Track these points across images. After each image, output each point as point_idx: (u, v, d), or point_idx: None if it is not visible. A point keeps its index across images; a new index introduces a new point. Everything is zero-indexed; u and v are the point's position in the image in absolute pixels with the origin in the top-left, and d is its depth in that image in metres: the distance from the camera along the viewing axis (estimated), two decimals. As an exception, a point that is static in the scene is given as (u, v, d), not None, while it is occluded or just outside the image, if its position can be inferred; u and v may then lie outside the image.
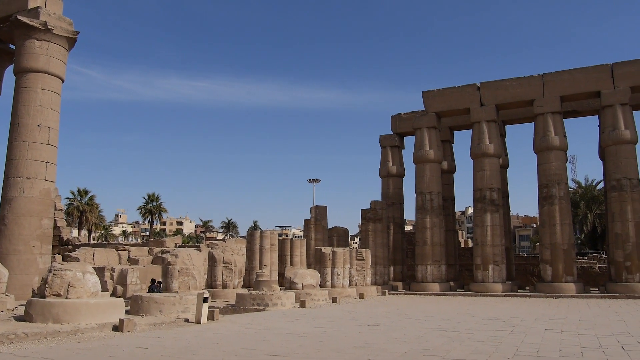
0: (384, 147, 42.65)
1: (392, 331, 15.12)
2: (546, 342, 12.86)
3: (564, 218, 33.99)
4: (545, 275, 33.86)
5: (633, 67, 33.19)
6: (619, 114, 32.89)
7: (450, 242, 41.84)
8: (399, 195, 42.29)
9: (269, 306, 22.51)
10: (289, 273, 27.83)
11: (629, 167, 32.68)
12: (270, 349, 11.76)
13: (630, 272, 31.63)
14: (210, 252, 30.10)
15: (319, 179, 76.82)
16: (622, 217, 32.40)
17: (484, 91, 36.81)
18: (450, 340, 13.11)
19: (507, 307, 24.77)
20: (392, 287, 37.52)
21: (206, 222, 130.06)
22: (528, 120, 39.12)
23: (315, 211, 39.57)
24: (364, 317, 19.53)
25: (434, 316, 19.80)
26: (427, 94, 38.56)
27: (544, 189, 34.62)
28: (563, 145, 34.68)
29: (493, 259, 35.01)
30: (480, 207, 36.15)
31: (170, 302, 17.96)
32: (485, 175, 36.07)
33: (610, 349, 11.73)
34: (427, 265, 36.82)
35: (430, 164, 38.03)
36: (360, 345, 12.35)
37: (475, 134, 36.77)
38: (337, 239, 40.34)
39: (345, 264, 31.32)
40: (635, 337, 13.54)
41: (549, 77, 35.19)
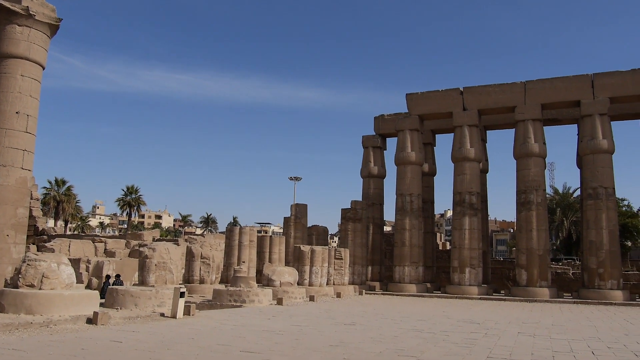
0: (366, 147, 42.79)
1: (368, 331, 15.20)
2: (519, 345, 13.04)
3: (541, 224, 34.46)
4: (521, 280, 34.30)
5: (613, 79, 33.76)
6: (598, 123, 33.43)
7: (429, 244, 42.16)
8: (379, 196, 42.48)
9: (245, 303, 22.45)
10: (267, 270, 27.80)
11: (605, 176, 33.25)
12: (245, 345, 11.75)
13: (602, 279, 32.19)
14: (188, 247, 29.91)
15: (300, 177, 76.94)
16: (597, 224, 32.95)
17: (467, 96, 37.13)
18: (425, 341, 13.22)
19: (482, 310, 25.04)
20: (369, 287, 37.69)
21: (185, 216, 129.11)
22: (509, 127, 39.55)
23: (296, 209, 39.56)
24: (340, 316, 19.59)
25: (410, 317, 19.94)
26: (411, 97, 38.78)
27: (522, 195, 35.05)
28: (542, 152, 35.15)
29: (470, 262, 35.36)
30: (459, 210, 36.47)
31: (146, 296, 17.82)
32: (465, 179, 36.41)
33: (581, 353, 11.94)
34: (405, 266, 37.05)
35: (411, 166, 38.26)
36: (336, 344, 12.39)
37: (456, 138, 37.08)
38: (317, 238, 40.39)
39: (324, 263, 31.38)
40: (605, 343, 13.79)
41: (531, 84, 35.63)
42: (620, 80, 33.57)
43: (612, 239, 32.81)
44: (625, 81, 33.47)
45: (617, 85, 33.67)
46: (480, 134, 38.01)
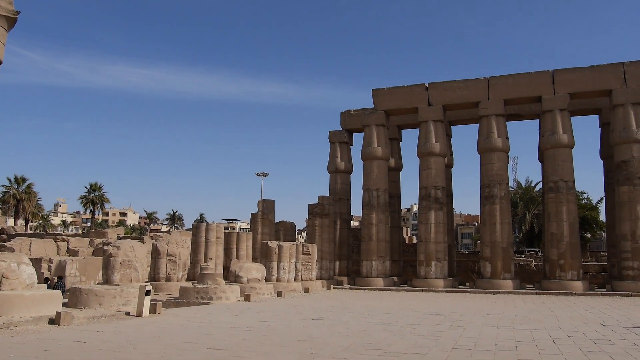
0: (332, 143, 42.91)
1: (335, 325, 15.29)
2: (483, 336, 13.31)
3: (504, 217, 35.18)
4: (485, 272, 34.98)
5: (572, 75, 34.64)
6: (558, 118, 34.26)
7: (395, 238, 42.60)
8: (346, 191, 42.68)
9: (213, 300, 22.31)
10: (235, 266, 27.66)
11: (566, 170, 34.13)
12: (213, 342, 11.68)
13: (563, 270, 33.09)
14: (154, 244, 29.51)
15: (267, 172, 76.51)
16: (558, 217, 33.82)
17: (432, 91, 37.58)
18: (392, 335, 13.37)
19: (447, 302, 25.45)
20: (337, 281, 37.88)
21: (150, 213, 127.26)
22: (473, 122, 40.21)
23: (263, 205, 39.42)
24: (308, 311, 19.64)
25: (377, 311, 20.13)
26: (377, 92, 39.03)
27: (486, 189, 35.71)
28: (505, 147, 35.85)
29: (436, 256, 35.87)
30: (425, 204, 36.94)
31: (110, 295, 17.53)
32: (431, 174, 36.87)
33: (542, 342, 12.26)
34: (372, 260, 37.36)
35: (377, 161, 38.55)
36: (303, 339, 12.43)
37: (422, 133, 37.50)
38: (284, 233, 40.35)
39: (292, 258, 31.39)
40: (565, 332, 14.19)
41: (494, 80, 36.27)
42: (580, 76, 34.47)
43: (572, 231, 33.73)
44: (584, 77, 34.38)
45: (576, 81, 34.56)
46: (445, 129, 38.53)
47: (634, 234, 32.06)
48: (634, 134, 32.47)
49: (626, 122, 32.76)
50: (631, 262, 31.87)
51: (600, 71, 34.05)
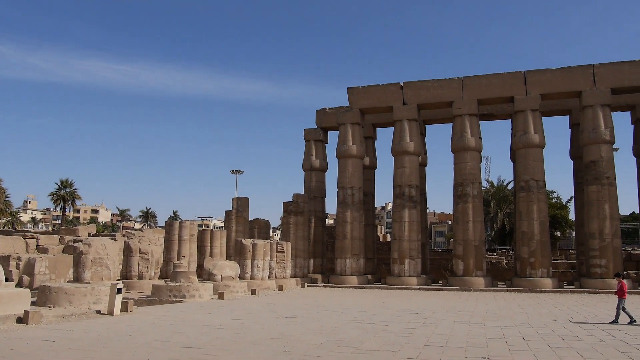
0: (308, 141, 42.89)
1: (309, 323, 15.30)
2: (455, 333, 13.48)
3: (477, 216, 35.64)
4: (457, 270, 35.40)
5: (544, 76, 35.23)
6: (530, 119, 34.82)
7: (370, 236, 42.81)
8: (321, 189, 42.72)
9: (186, 298, 22.14)
10: (208, 264, 27.48)
11: (537, 170, 34.72)
12: (185, 341, 11.59)
13: (534, 267, 33.67)
14: (126, 242, 29.15)
15: (242, 170, 76.10)
16: (529, 216, 34.40)
17: (406, 90, 37.83)
18: (365, 332, 13.45)
19: (420, 300, 25.68)
20: (311, 279, 37.92)
21: (123, 210, 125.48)
22: (447, 121, 40.59)
23: (237, 202, 39.21)
24: (282, 309, 19.62)
25: (350, 308, 20.21)
26: (352, 91, 39.14)
27: (459, 188, 36.12)
28: (478, 146, 36.31)
29: (409, 254, 36.16)
30: (399, 203, 37.19)
31: (81, 293, 17.27)
32: (405, 173, 37.14)
33: (513, 339, 12.47)
34: (347, 258, 37.48)
35: (352, 160, 38.67)
36: (277, 337, 12.42)
37: (397, 132, 37.73)
38: (259, 231, 40.21)
39: (266, 256, 31.31)
40: (535, 329, 14.46)
41: (468, 80, 36.68)
42: (551, 78, 35.08)
43: (543, 230, 34.35)
44: (555, 78, 35.00)
45: (548, 82, 35.15)
46: (419, 128, 38.82)
47: (601, 232, 32.79)
48: (603, 134, 33.19)
49: (595, 123, 33.45)
50: (599, 260, 32.60)
51: (570, 73, 34.71)
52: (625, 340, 12.34)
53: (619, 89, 34.05)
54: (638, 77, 33.44)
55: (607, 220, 32.85)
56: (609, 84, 33.78)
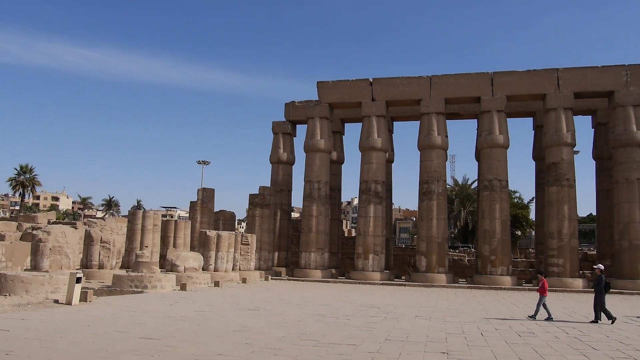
0: (276, 133, 42.72)
1: (271, 316, 15.30)
2: (416, 328, 13.67)
3: (441, 213, 36.14)
4: (420, 266, 35.86)
5: (510, 77, 35.88)
6: (495, 119, 35.44)
7: (335, 230, 42.98)
8: (287, 183, 42.65)
9: (147, 288, 21.85)
10: (171, 255, 27.17)
11: (500, 170, 35.39)
12: (145, 332, 11.45)
13: (494, 265, 34.37)
14: (87, 231, 28.57)
15: (208, 161, 75.52)
16: (491, 215, 35.06)
17: (376, 87, 38.01)
18: (327, 326, 13.52)
19: (383, 294, 25.94)
20: (275, 272, 37.88)
21: (85, 198, 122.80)
22: (414, 119, 40.97)
23: (203, 193, 38.86)
24: (245, 301, 19.56)
25: (313, 302, 20.28)
26: (322, 85, 39.13)
27: (425, 185, 36.54)
28: (444, 144, 36.77)
29: (374, 249, 36.45)
30: (365, 198, 37.42)
31: (38, 282, 16.86)
32: (372, 168, 37.36)
33: (471, 334, 12.72)
34: (311, 252, 37.56)
35: (320, 154, 38.70)
36: (238, 329, 12.38)
37: (365, 128, 37.91)
38: (224, 223, 39.96)
39: (230, 248, 31.12)
40: (493, 325, 14.77)
41: (436, 79, 37.07)
42: (517, 80, 35.75)
43: (504, 229, 35.06)
44: (521, 81, 35.68)
45: (513, 84, 35.81)
46: (387, 124, 39.08)
47: (560, 232, 33.66)
48: (564, 137, 34.01)
49: (558, 126, 34.25)
50: (557, 259, 33.47)
51: (535, 76, 35.42)
52: (578, 338, 12.72)
53: (582, 93, 34.95)
54: (600, 82, 34.37)
55: (565, 221, 33.73)
56: (572, 88, 34.62)
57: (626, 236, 32.78)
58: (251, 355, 9.33)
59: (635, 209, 32.79)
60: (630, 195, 32.95)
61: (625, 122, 33.44)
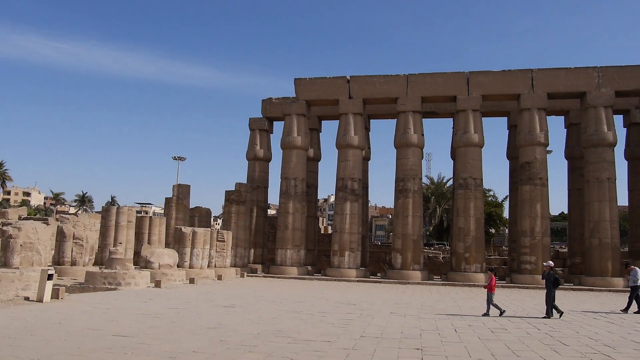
0: (252, 130, 42.54)
1: (247, 313, 15.26)
2: (390, 324, 13.77)
3: (416, 211, 36.44)
4: (396, 263, 36.11)
5: (486, 77, 36.31)
6: (471, 118, 35.84)
7: (311, 227, 43.01)
8: (264, 179, 42.53)
9: (121, 285, 21.61)
10: (146, 252, 26.90)
11: (475, 168, 35.82)
12: (118, 329, 11.32)
13: (468, 262, 34.80)
14: (59, 227, 28.11)
15: (184, 156, 74.84)
16: (466, 212, 35.48)
17: (353, 84, 38.10)
18: (303, 322, 13.54)
19: (359, 291, 26.07)
20: (251, 269, 37.77)
21: (57, 194, 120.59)
22: (391, 117, 41.20)
23: (178, 189, 38.50)
24: (220, 298, 19.47)
25: (289, 299, 20.28)
26: (299, 82, 39.07)
27: (400, 183, 36.79)
28: (420, 143, 37.06)
29: (350, 246, 36.58)
30: (341, 195, 37.52)
31: (8, 279, 16.53)
32: (348, 166, 37.47)
33: (445, 331, 12.87)
34: (287, 249, 37.53)
35: (297, 151, 38.66)
36: (213, 326, 12.32)
37: (342, 125, 37.99)
38: (199, 220, 39.66)
39: (205, 245, 30.94)
40: (466, 321, 14.96)
41: (413, 78, 37.32)
42: (492, 80, 36.19)
43: (478, 226, 35.52)
44: (496, 80, 36.14)
45: (489, 83, 36.25)
46: (364, 122, 39.22)
47: (532, 230, 34.22)
48: (538, 137, 34.56)
49: (531, 126, 34.79)
50: (529, 256, 34.02)
51: (510, 76, 35.92)
52: (549, 334, 12.96)
53: (555, 94, 35.55)
54: (573, 83, 35.00)
55: (538, 219, 34.29)
56: (546, 89, 35.19)
57: (596, 234, 33.49)
58: (226, 352, 9.30)
59: (605, 208, 33.52)
60: (600, 194, 33.65)
61: (596, 122, 34.12)
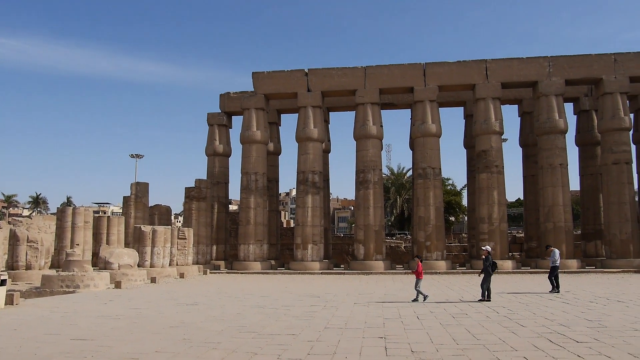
0: (211, 125, 42.07)
1: (210, 310, 15.14)
2: (354, 315, 13.89)
3: (377, 201, 36.80)
4: (358, 254, 36.43)
5: (441, 68, 36.85)
6: (428, 109, 36.35)
7: (273, 222, 42.93)
8: (224, 175, 42.17)
9: (80, 288, 21.11)
10: (104, 252, 26.33)
11: (433, 158, 36.39)
12: (77, 333, 11.06)
13: (429, 251, 35.39)
14: (12, 230, 27.23)
15: (142, 154, 73.51)
16: (425, 202, 36.04)
17: (311, 77, 38.09)
18: (267, 317, 13.52)
19: (322, 283, 26.18)
20: (214, 266, 37.46)
21: (9, 196, 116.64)
22: (350, 109, 41.43)
23: (136, 188, 37.77)
24: (182, 296, 19.25)
25: (253, 294, 20.21)
26: (257, 75, 38.82)
27: (361, 174, 37.07)
28: (380, 134, 37.39)
29: (312, 239, 36.68)
30: (302, 189, 37.55)
31: (-41, 286, 15.92)
32: (309, 159, 37.50)
33: (408, 318, 13.06)
34: (250, 244, 37.37)
35: (256, 145, 38.45)
36: (176, 325, 12.17)
37: (301, 118, 37.97)
38: (159, 218, 39.02)
39: (166, 243, 30.50)
40: (428, 308, 15.22)
41: (371, 70, 37.56)
42: (448, 70, 36.77)
43: (438, 215, 36.14)
44: (452, 71, 36.72)
45: (445, 74, 36.81)
46: (323, 115, 39.29)
47: (490, 217, 35.03)
48: (493, 126, 35.33)
49: (487, 115, 35.53)
50: (488, 242, 34.74)
51: (465, 66, 36.56)
52: (507, 316, 13.32)
53: (508, 83, 36.38)
54: (525, 73, 35.89)
55: (495, 206, 35.13)
56: (500, 79, 35.97)
57: (550, 218, 34.54)
58: (190, 350, 9.20)
59: (559, 193, 34.60)
60: (553, 179, 34.70)
61: (548, 110, 35.12)
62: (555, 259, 20.60)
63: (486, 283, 17.36)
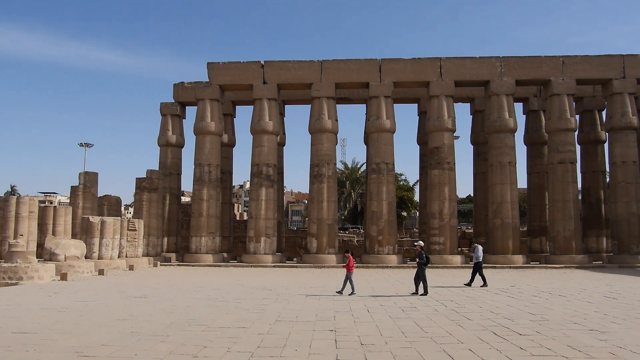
0: (164, 115, 41.25)
1: (159, 303, 14.92)
2: (306, 308, 13.96)
3: (331, 195, 36.99)
4: (311, 247, 36.56)
5: (397, 65, 37.26)
6: (383, 105, 36.72)
7: (226, 214, 42.55)
8: (177, 166, 41.46)
9: (23, 280, 20.43)
10: (50, 243, 25.53)
11: (387, 153, 36.81)
12: (19, 326, 10.71)
13: (381, 245, 35.86)
14: (-50, 219, 26.03)
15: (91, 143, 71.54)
16: (378, 196, 36.45)
17: (267, 69, 37.84)
18: (218, 310, 13.43)
19: (275, 277, 26.16)
20: (165, 258, 36.86)
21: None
22: (306, 102, 41.37)
23: (85, 177, 36.72)
24: (131, 289, 18.89)
25: (204, 287, 20.02)
26: (212, 66, 38.28)
27: (315, 168, 37.16)
28: (334, 128, 37.53)
29: (265, 232, 36.57)
30: (256, 181, 37.34)
31: None
32: (263, 152, 37.31)
33: (358, 312, 13.22)
34: (202, 236, 36.95)
35: (210, 136, 37.96)
36: (124, 318, 11.95)
37: (256, 111, 37.69)
38: (109, 208, 38.07)
39: (116, 235, 29.81)
40: (379, 302, 15.45)
41: (327, 64, 37.61)
42: (403, 67, 37.20)
43: (390, 210, 36.62)
44: (407, 68, 37.17)
45: (400, 71, 37.23)
46: (279, 107, 39.13)
47: (441, 212, 35.76)
48: (446, 123, 36.01)
49: (440, 112, 36.18)
50: (438, 237, 35.58)
51: (420, 64, 37.08)
52: (455, 310, 13.66)
53: (462, 82, 37.10)
54: (478, 72, 36.69)
55: (446, 202, 35.87)
56: (453, 77, 36.65)
57: (499, 215, 35.55)
58: (137, 343, 9.05)
59: (507, 190, 35.63)
60: (502, 177, 35.70)
61: (499, 109, 36.06)
62: (478, 255, 21.18)
63: (420, 277, 17.64)
